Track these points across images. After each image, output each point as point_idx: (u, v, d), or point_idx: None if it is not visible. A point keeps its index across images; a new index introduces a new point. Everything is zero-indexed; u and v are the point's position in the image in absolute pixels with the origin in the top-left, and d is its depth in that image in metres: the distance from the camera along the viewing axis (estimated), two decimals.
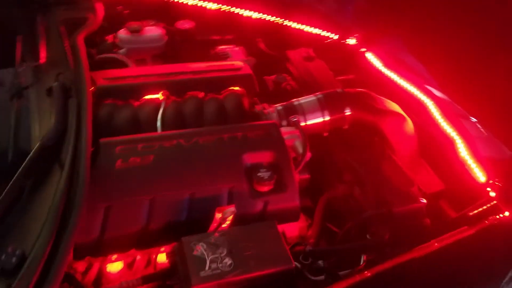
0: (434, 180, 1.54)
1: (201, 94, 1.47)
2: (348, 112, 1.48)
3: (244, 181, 1.19)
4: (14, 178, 1.04)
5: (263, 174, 1.20)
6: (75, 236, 0.97)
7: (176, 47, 1.84)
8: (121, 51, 1.72)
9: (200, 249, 1.02)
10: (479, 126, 1.74)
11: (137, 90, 1.44)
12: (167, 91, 1.44)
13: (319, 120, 1.47)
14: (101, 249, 1.10)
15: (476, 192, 1.37)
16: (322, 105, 1.47)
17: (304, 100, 1.49)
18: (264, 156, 1.24)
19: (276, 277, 1.00)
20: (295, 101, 1.49)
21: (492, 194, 1.30)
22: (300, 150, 1.33)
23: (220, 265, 0.99)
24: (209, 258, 1.00)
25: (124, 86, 1.43)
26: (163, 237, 1.13)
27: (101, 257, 1.11)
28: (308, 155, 1.31)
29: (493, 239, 1.16)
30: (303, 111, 1.46)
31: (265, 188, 1.19)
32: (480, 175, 1.39)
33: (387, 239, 1.22)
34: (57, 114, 1.21)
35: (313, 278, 1.11)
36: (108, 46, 1.73)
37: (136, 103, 1.40)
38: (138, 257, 1.14)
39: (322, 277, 1.11)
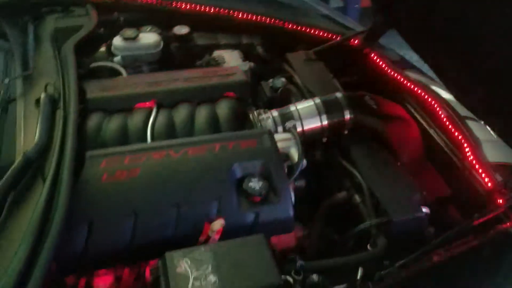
0: (441, 185, 1.47)
1: (193, 103, 1.42)
2: (347, 116, 1.42)
3: (234, 192, 1.14)
4: None
5: (254, 184, 1.15)
6: (57, 251, 0.93)
7: (173, 54, 1.80)
8: (116, 59, 1.67)
9: (184, 265, 0.97)
10: (488, 128, 1.65)
11: (128, 100, 1.40)
12: (157, 100, 1.40)
13: (317, 125, 1.40)
14: (86, 265, 1.07)
15: (484, 199, 1.30)
16: (320, 110, 1.41)
17: (301, 105, 1.43)
18: (256, 166, 1.19)
19: None
20: (292, 106, 1.44)
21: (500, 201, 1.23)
22: (296, 157, 1.27)
23: (204, 283, 0.94)
24: (193, 275, 0.95)
25: (115, 96, 1.39)
26: (150, 253, 1.09)
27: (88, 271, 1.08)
28: (303, 162, 1.25)
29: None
30: (300, 117, 1.40)
31: (255, 199, 1.14)
32: (488, 181, 1.31)
33: (383, 251, 1.16)
34: (42, 127, 1.18)
35: None
36: (103, 54, 1.70)
37: (126, 114, 1.37)
38: (127, 271, 1.11)
39: None
